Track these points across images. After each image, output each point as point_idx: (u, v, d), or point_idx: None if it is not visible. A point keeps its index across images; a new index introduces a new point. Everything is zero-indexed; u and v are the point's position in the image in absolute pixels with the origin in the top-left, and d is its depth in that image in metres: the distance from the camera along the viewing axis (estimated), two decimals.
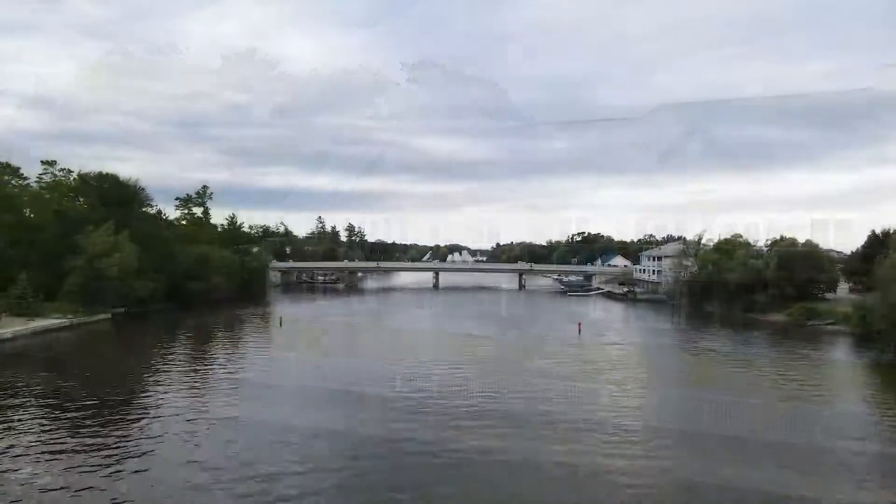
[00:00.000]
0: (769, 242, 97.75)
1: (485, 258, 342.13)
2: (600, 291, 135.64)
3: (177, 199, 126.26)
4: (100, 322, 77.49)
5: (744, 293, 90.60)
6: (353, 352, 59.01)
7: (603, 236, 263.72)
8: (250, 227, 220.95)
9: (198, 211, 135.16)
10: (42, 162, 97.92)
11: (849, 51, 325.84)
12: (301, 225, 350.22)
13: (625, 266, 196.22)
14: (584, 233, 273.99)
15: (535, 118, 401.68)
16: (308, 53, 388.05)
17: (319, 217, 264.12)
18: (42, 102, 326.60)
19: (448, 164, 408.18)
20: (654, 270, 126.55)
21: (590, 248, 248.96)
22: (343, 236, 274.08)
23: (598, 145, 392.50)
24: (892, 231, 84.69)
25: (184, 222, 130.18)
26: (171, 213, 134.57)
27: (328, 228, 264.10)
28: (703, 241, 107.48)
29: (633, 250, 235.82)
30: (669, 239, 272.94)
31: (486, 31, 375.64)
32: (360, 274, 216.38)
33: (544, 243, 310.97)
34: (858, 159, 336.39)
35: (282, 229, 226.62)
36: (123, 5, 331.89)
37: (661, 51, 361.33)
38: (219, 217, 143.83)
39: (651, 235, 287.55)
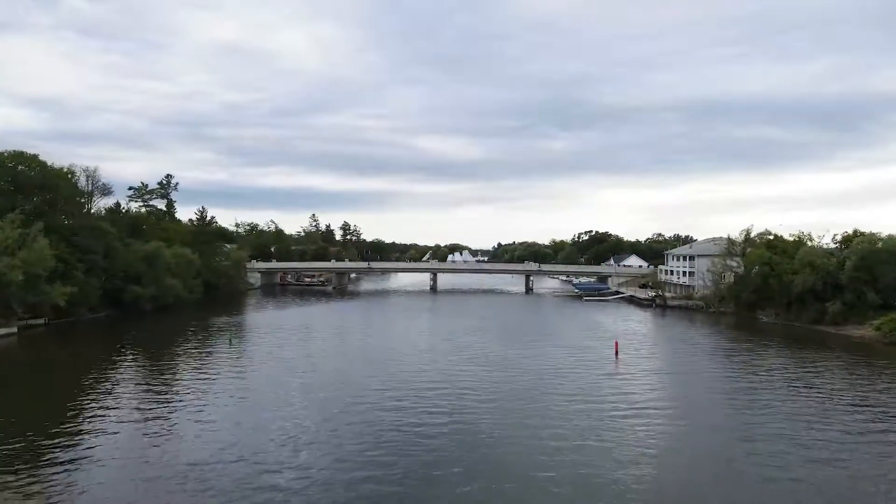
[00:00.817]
0: (837, 238, 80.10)
1: (486, 258, 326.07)
2: (621, 296, 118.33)
3: (130, 188, 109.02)
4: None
5: (810, 300, 73.46)
6: (310, 392, 42.00)
7: (611, 235, 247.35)
8: (237, 225, 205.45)
9: (160, 204, 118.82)
10: None
11: (849, 51, 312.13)
12: (298, 225, 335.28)
13: (640, 266, 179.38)
14: (591, 231, 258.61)
15: (535, 118, 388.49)
16: (305, 53, 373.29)
17: (313, 215, 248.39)
18: (39, 102, 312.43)
19: (448, 163, 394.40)
20: (684, 272, 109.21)
21: (598, 247, 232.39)
22: (338, 235, 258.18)
23: (598, 145, 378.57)
24: None
25: (151, 217, 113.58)
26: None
27: (323, 227, 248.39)
28: (750, 238, 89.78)
29: (643, 249, 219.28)
30: (678, 238, 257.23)
31: (485, 29, 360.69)
32: (353, 275, 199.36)
33: (548, 242, 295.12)
34: (861, 160, 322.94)
35: (272, 228, 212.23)
36: (120, 4, 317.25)
37: (661, 50, 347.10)
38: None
39: (659, 234, 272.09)
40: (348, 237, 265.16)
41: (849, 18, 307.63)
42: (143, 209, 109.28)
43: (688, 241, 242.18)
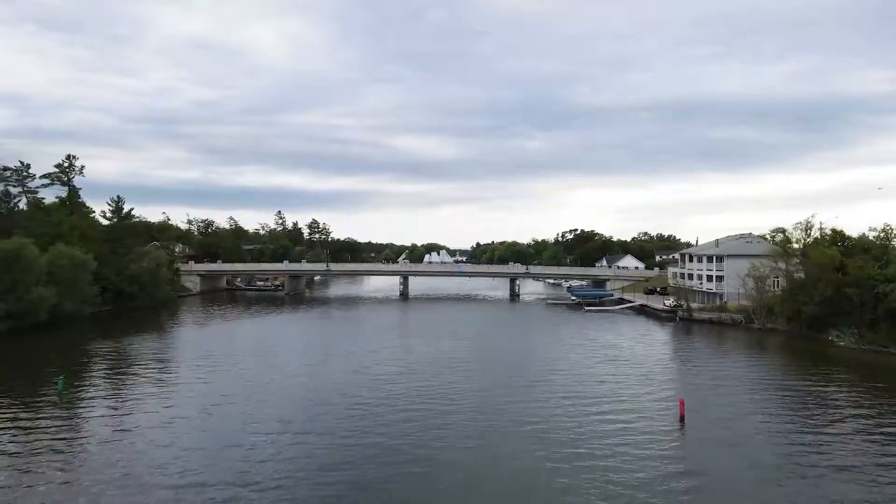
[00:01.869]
0: None
1: (464, 258, 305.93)
2: (629, 304, 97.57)
3: (6, 169, 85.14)
4: None
5: None
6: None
7: (597, 233, 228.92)
8: (189, 222, 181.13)
9: (61, 192, 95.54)
10: None
11: (819, 52, 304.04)
12: (257, 222, 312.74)
13: (637, 268, 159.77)
14: (576, 229, 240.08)
15: (511, 117, 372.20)
16: (277, 49, 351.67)
17: (279, 212, 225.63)
18: (3, 98, 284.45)
19: (425, 163, 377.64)
20: (709, 276, 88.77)
21: (585, 246, 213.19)
22: (307, 234, 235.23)
23: (575, 145, 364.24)
24: None
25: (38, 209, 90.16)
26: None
27: (290, 225, 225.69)
28: (811, 233, 69.44)
29: (633, 249, 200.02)
30: (662, 238, 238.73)
31: (460, 27, 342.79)
32: (317, 278, 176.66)
33: (529, 242, 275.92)
34: (831, 160, 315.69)
35: (233, 225, 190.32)
36: None
37: (637, 49, 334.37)
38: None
39: (645, 233, 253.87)
40: (315, 236, 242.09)
41: (819, 20, 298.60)
42: (27, 197, 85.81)
43: (671, 240, 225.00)
